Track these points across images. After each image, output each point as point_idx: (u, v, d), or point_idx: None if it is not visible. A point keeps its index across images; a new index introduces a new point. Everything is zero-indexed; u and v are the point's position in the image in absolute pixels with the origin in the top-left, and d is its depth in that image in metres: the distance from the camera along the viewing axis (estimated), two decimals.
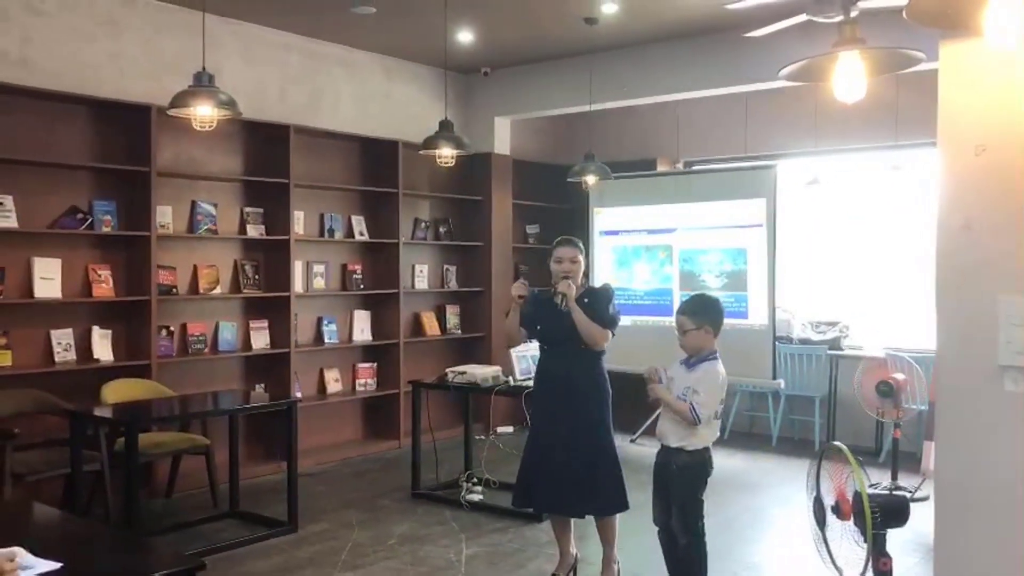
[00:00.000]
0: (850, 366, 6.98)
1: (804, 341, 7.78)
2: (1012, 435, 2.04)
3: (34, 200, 5.47)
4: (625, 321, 4.39)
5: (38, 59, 5.52)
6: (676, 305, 7.45)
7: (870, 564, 2.80)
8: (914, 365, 6.12)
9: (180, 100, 4.18)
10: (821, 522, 3.07)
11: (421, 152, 5.71)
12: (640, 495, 5.26)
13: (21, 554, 2.18)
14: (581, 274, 4.28)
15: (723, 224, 7.44)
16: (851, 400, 6.77)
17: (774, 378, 7.18)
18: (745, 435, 7.97)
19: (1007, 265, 2.03)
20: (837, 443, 2.97)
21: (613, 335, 4.28)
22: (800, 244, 8.04)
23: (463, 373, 5.80)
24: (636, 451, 7.29)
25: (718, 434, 3.81)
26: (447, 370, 5.98)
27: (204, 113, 4.23)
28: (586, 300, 4.23)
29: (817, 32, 4.71)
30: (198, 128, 4.34)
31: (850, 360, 7.23)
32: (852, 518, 2.88)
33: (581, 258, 4.27)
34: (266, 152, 6.68)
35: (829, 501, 3.01)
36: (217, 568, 4.40)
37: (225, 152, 6.53)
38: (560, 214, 9.00)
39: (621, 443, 5.00)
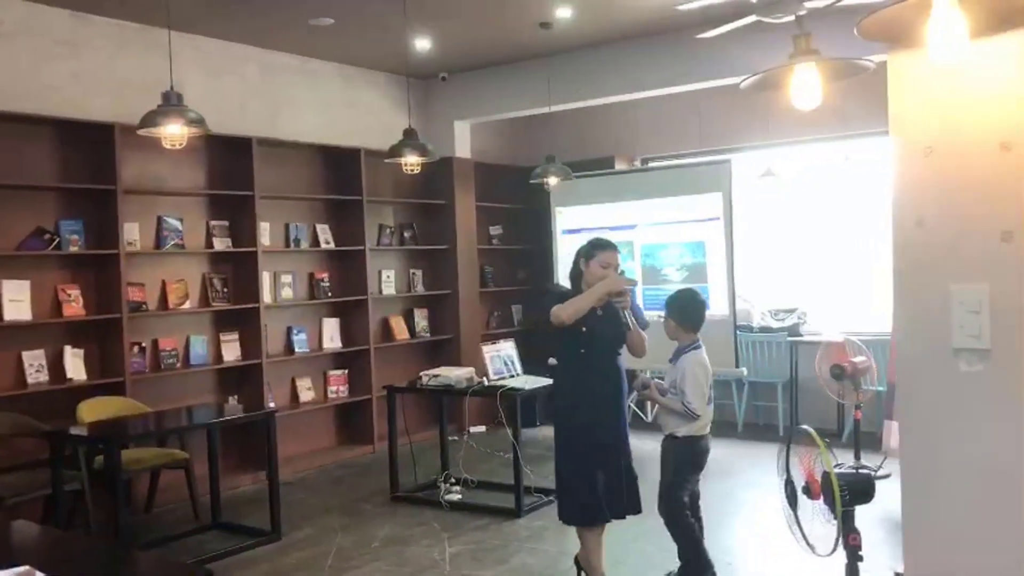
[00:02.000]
0: (809, 351, 7.15)
1: (764, 329, 7.99)
2: (968, 413, 2.21)
3: None
4: None
5: None
6: (640, 300, 7.72)
7: (840, 540, 2.96)
8: (866, 349, 6.29)
9: (150, 120, 4.23)
10: (793, 503, 3.22)
11: (387, 160, 5.78)
12: None
13: (34, 574, 2.24)
14: None
15: (682, 219, 7.64)
16: (812, 384, 6.96)
17: (737, 366, 7.38)
18: (712, 423, 8.12)
19: (957, 257, 2.21)
20: (805, 426, 3.12)
21: None
22: (757, 235, 8.26)
23: (437, 376, 5.90)
24: None
25: (705, 420, 4.05)
26: (421, 373, 6.07)
27: (174, 132, 4.28)
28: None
29: (766, 32, 4.93)
30: (168, 147, 4.39)
31: (809, 346, 7.41)
32: (821, 497, 3.04)
33: None
34: (229, 165, 6.71)
35: (799, 482, 3.16)
36: None
37: (189, 167, 6.54)
38: (523, 215, 9.14)
39: None
